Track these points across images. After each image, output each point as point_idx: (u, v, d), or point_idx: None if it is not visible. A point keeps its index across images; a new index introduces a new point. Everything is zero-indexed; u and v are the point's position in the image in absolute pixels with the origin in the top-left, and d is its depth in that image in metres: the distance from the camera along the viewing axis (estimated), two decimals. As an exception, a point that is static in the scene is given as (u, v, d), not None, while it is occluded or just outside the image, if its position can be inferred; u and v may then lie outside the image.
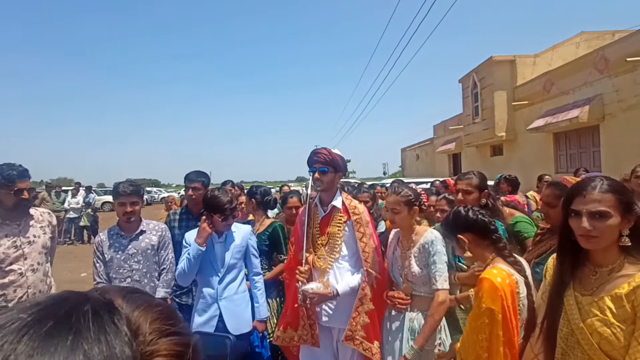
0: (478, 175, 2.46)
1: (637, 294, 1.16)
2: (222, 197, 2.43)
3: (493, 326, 1.41)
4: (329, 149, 2.38)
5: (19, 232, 2.26)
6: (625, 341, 1.16)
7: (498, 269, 1.51)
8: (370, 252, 2.29)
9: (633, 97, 9.35)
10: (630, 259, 1.24)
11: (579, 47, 13.56)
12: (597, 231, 1.21)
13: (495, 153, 16.97)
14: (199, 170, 3.04)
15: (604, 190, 1.23)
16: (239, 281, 2.52)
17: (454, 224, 1.71)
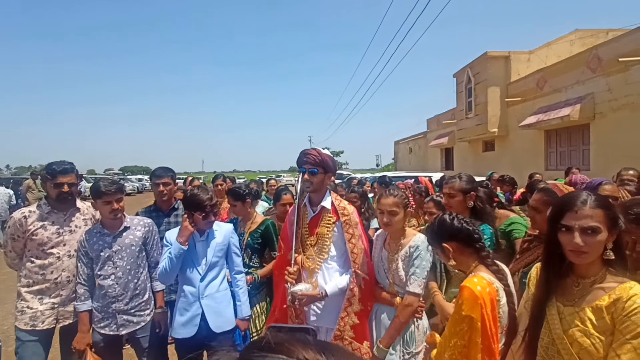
0: (462, 178, 2.45)
1: (616, 306, 1.19)
2: (202, 195, 2.41)
3: (472, 333, 1.43)
4: (318, 149, 2.37)
5: (63, 221, 2.54)
6: (603, 352, 1.19)
7: (479, 277, 1.53)
8: (359, 253, 2.30)
9: (624, 97, 9.45)
10: (612, 271, 1.27)
11: (573, 45, 13.63)
12: (587, 247, 1.22)
13: (487, 148, 17.10)
14: (164, 166, 3.02)
15: (594, 205, 1.24)
16: (220, 279, 2.51)
17: (438, 232, 1.71)
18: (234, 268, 2.60)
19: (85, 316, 2.41)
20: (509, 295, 1.56)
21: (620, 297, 1.19)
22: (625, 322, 1.16)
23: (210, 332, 2.41)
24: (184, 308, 2.43)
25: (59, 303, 2.46)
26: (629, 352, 1.14)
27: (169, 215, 2.94)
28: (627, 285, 1.21)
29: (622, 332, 1.16)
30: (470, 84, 16.37)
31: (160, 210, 2.95)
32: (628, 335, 1.15)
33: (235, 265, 2.60)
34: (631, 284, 1.22)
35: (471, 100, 16.36)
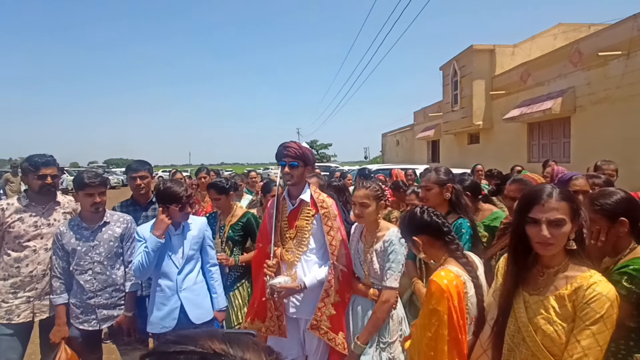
0: (438, 170, 2.49)
1: (577, 294, 1.24)
2: (175, 187, 2.40)
3: (439, 326, 1.47)
4: (298, 142, 2.37)
5: (42, 214, 2.52)
6: (565, 338, 1.24)
7: (446, 270, 1.56)
8: (337, 245, 2.32)
9: (603, 91, 9.66)
10: (575, 260, 1.32)
11: (556, 39, 13.82)
12: (553, 238, 1.27)
13: (472, 141, 17.32)
14: (140, 159, 2.99)
15: (560, 198, 1.28)
16: (197, 271, 2.52)
17: (409, 225, 1.75)
18: (209, 261, 2.61)
19: (61, 309, 2.39)
20: (478, 287, 1.60)
21: (581, 285, 1.24)
22: (585, 309, 1.21)
23: (190, 324, 2.41)
24: (161, 302, 2.41)
25: (35, 297, 2.42)
26: (587, 338, 1.19)
27: (147, 209, 2.91)
28: (588, 274, 1.26)
29: (582, 319, 1.21)
30: (456, 77, 16.49)
31: (138, 204, 2.92)
32: (587, 321, 1.20)
33: (209, 258, 2.61)
34: (591, 272, 1.27)
35: (457, 93, 16.50)
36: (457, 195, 2.44)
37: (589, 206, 1.65)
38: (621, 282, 1.49)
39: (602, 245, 1.65)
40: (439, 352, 1.48)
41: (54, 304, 2.40)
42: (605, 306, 1.19)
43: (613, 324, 1.20)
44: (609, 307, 1.19)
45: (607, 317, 1.18)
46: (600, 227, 1.60)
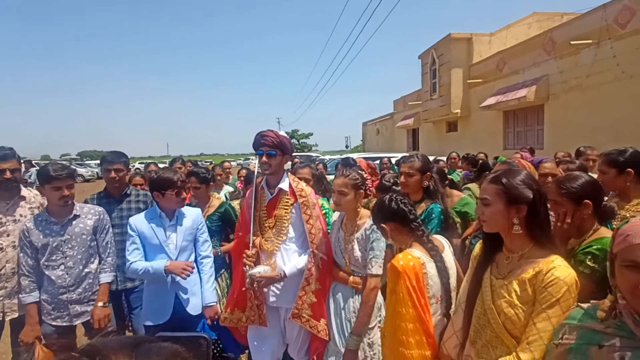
0: (421, 158, 2.53)
1: (537, 278, 1.28)
2: (169, 174, 2.44)
3: (396, 304, 1.56)
4: (275, 131, 2.35)
5: (6, 210, 2.44)
6: (525, 321, 1.29)
7: (404, 253, 1.65)
8: (316, 234, 2.34)
9: (574, 79, 9.96)
10: (539, 246, 1.36)
11: (530, 28, 14.09)
12: (485, 216, 1.38)
13: (450, 129, 17.61)
14: (116, 150, 2.92)
15: (489, 181, 1.40)
16: (191, 263, 2.50)
17: (378, 213, 1.82)
18: (200, 253, 2.58)
19: (32, 308, 2.31)
20: (441, 269, 1.68)
21: (541, 269, 1.28)
22: (543, 293, 1.25)
23: (186, 315, 2.42)
24: (155, 294, 2.40)
25: (4, 295, 2.35)
26: (543, 321, 1.23)
27: (121, 202, 2.84)
28: (549, 259, 1.30)
29: (540, 302, 1.26)
30: (434, 66, 16.65)
31: (112, 197, 2.85)
32: (544, 304, 1.24)
33: (201, 251, 2.58)
34: (553, 257, 1.31)
35: (435, 81, 16.68)
36: (436, 182, 2.51)
37: (556, 190, 1.71)
38: (585, 261, 1.56)
39: (568, 228, 1.72)
40: (399, 329, 1.55)
41: (24, 303, 2.32)
42: (562, 290, 1.23)
43: (569, 308, 1.23)
44: (565, 291, 1.23)
45: (563, 301, 1.22)
46: (566, 209, 1.67)
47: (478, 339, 1.42)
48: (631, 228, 0.94)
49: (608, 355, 0.91)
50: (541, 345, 1.23)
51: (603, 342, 0.94)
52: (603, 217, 1.74)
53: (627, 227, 0.95)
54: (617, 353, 0.90)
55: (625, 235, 0.93)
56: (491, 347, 1.37)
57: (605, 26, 8.94)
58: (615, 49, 8.71)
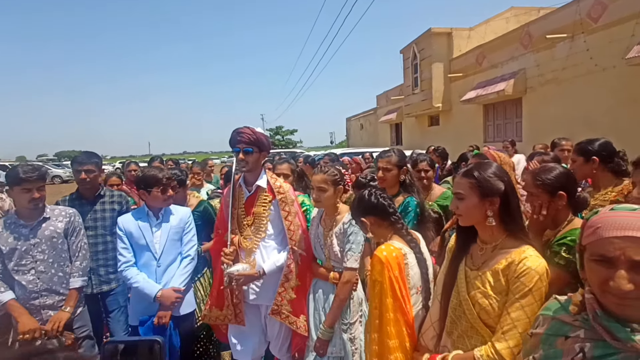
0: (397, 153, 2.55)
1: (510, 269, 1.30)
2: (154, 171, 2.46)
3: (382, 295, 1.57)
4: (252, 128, 2.32)
5: None
6: (499, 311, 1.31)
7: (386, 244, 1.66)
8: (295, 230, 2.33)
9: (550, 72, 10.19)
10: (512, 236, 1.38)
11: (508, 22, 14.32)
12: (460, 210, 1.40)
13: (432, 123, 17.80)
14: (88, 151, 2.85)
15: (461, 175, 1.41)
16: (177, 263, 2.49)
17: (358, 207, 1.83)
18: (181, 252, 2.55)
19: (13, 303, 2.19)
20: (421, 261, 1.70)
21: (514, 260, 1.30)
22: (515, 283, 1.27)
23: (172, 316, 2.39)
24: (141, 295, 2.37)
25: None
26: (517, 310, 1.25)
27: (95, 203, 2.76)
28: (521, 249, 1.32)
29: (513, 292, 1.27)
30: (416, 60, 16.77)
31: (84, 198, 2.76)
32: (517, 294, 1.26)
33: (183, 250, 2.55)
34: (525, 247, 1.33)
35: (417, 76, 16.81)
36: (412, 177, 2.55)
37: (531, 182, 1.74)
38: (560, 252, 1.59)
39: (543, 219, 1.76)
40: (384, 320, 1.56)
41: (1, 302, 2.20)
42: (534, 280, 1.25)
43: (542, 297, 1.26)
44: (537, 280, 1.25)
45: (535, 290, 1.25)
46: (542, 201, 1.70)
47: (454, 330, 1.43)
48: (600, 220, 0.90)
49: (571, 345, 0.92)
50: (515, 335, 1.25)
51: (569, 333, 0.95)
52: (577, 208, 1.78)
53: (595, 218, 0.92)
54: (578, 344, 0.91)
55: (595, 228, 0.90)
56: (467, 337, 1.38)
57: (579, 20, 9.16)
58: (588, 42, 8.94)
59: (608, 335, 0.86)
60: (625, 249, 0.83)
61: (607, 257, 0.85)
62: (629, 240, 0.83)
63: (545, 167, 1.87)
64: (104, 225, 2.74)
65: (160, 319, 2.34)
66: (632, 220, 0.85)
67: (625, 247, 0.83)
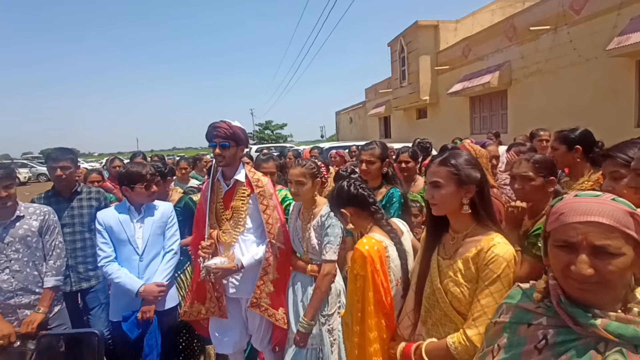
0: (380, 145, 2.57)
1: (479, 256, 1.32)
2: (138, 167, 2.45)
3: (365, 289, 1.56)
4: (228, 122, 2.30)
5: None
6: (470, 298, 1.33)
7: (367, 237, 1.65)
8: (274, 224, 2.33)
9: (534, 64, 10.29)
10: (481, 225, 1.40)
11: (494, 14, 14.40)
12: (435, 199, 1.39)
13: (420, 116, 17.88)
14: (63, 147, 2.80)
15: (438, 164, 1.40)
16: (160, 258, 2.49)
17: (337, 198, 1.81)
18: (164, 247, 2.55)
19: None
20: (401, 251, 1.69)
21: (483, 247, 1.32)
22: (485, 270, 1.30)
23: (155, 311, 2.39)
24: (123, 291, 2.36)
25: None
26: (487, 297, 1.28)
27: (72, 200, 2.72)
28: (490, 237, 1.34)
29: (483, 279, 1.30)
30: (403, 53, 16.78)
31: (61, 195, 2.72)
32: (487, 281, 1.28)
33: (166, 245, 2.55)
34: (494, 235, 1.35)
35: (405, 69, 16.84)
36: (393, 169, 2.56)
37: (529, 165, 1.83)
38: (537, 243, 1.61)
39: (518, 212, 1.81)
40: (366, 313, 1.56)
41: None
42: (502, 266, 1.27)
43: (510, 283, 1.28)
44: (505, 267, 1.27)
45: (503, 277, 1.27)
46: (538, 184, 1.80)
47: (428, 318, 1.45)
48: (564, 206, 0.90)
49: (534, 332, 0.93)
50: (486, 321, 1.26)
51: (532, 320, 0.95)
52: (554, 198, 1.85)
53: (560, 205, 0.92)
54: (541, 330, 0.92)
55: (559, 214, 0.90)
56: (440, 325, 1.41)
57: (562, 12, 9.25)
58: (571, 34, 9.04)
59: (570, 321, 0.87)
60: (587, 234, 0.83)
61: (569, 242, 0.86)
62: (591, 225, 0.83)
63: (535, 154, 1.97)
64: (82, 222, 2.71)
65: (145, 314, 2.34)
66: (595, 205, 0.86)
67: (587, 232, 0.83)
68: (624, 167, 1.61)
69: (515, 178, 1.86)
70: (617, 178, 1.63)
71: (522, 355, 0.93)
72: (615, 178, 1.64)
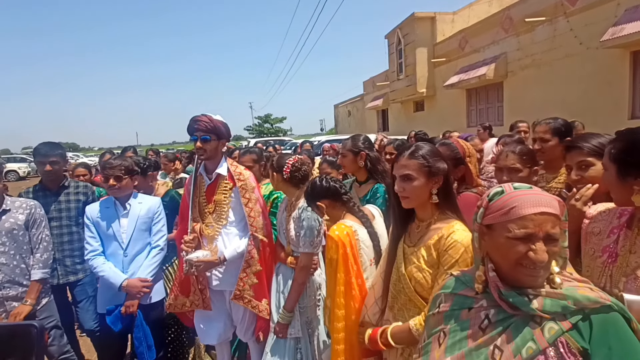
0: (352, 139, 2.63)
1: (440, 243, 1.37)
2: (111, 161, 2.49)
3: (337, 271, 1.67)
4: (209, 115, 2.33)
5: None
6: (432, 283, 1.38)
7: (338, 224, 1.77)
8: (256, 217, 2.36)
9: (530, 56, 10.26)
10: (443, 214, 1.45)
11: (491, 6, 14.29)
12: (406, 192, 1.41)
13: (417, 109, 17.84)
14: (50, 142, 2.82)
15: (409, 157, 1.42)
16: (145, 253, 2.51)
17: (312, 193, 1.95)
18: (150, 243, 2.57)
19: None
20: (372, 234, 1.81)
21: (443, 235, 1.37)
22: (444, 256, 1.35)
23: (140, 305, 2.42)
24: (109, 284, 2.40)
25: None
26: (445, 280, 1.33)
27: (59, 194, 2.76)
28: (450, 224, 1.39)
29: (443, 264, 1.35)
30: (400, 46, 16.70)
31: (48, 189, 2.76)
32: (446, 266, 1.34)
33: (152, 240, 2.57)
34: (453, 222, 1.40)
35: (402, 61, 16.77)
36: (373, 162, 2.55)
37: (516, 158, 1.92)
38: None
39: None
40: (336, 292, 1.67)
41: None
42: (460, 251, 1.33)
43: (467, 267, 1.32)
44: (463, 252, 1.33)
45: (461, 262, 1.32)
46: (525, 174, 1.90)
47: (395, 304, 1.51)
48: (513, 200, 0.93)
49: (476, 314, 0.98)
50: None
51: (473, 304, 1.01)
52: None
53: (506, 198, 0.94)
54: (483, 311, 0.97)
55: (510, 208, 0.92)
56: (406, 310, 1.46)
57: (559, 3, 9.20)
58: (567, 25, 9.00)
59: (511, 310, 0.92)
60: (542, 223, 0.90)
61: (528, 233, 0.90)
62: (545, 215, 0.90)
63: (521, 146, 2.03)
64: (69, 215, 2.75)
65: (128, 308, 2.38)
66: (542, 197, 0.92)
67: (542, 222, 0.90)
68: (591, 155, 1.64)
69: (503, 170, 1.90)
70: (585, 167, 1.66)
71: (468, 337, 0.98)
72: (582, 167, 1.67)
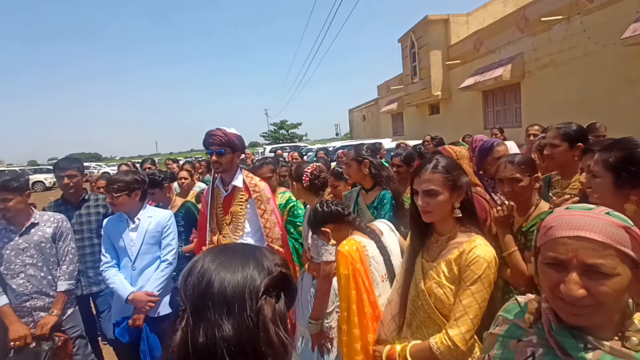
0: (356, 148, 2.64)
1: (462, 258, 1.35)
2: (112, 177, 2.57)
3: (349, 288, 1.65)
4: (224, 129, 2.38)
5: None
6: (452, 299, 1.36)
7: (347, 240, 1.75)
8: (271, 227, 2.40)
9: (547, 56, 10.03)
10: (463, 227, 1.42)
11: (506, 5, 14.05)
12: (430, 207, 1.38)
13: (433, 112, 17.66)
14: (69, 157, 2.97)
15: (433, 171, 1.39)
16: (154, 267, 2.52)
17: (315, 220, 1.93)
18: (159, 256, 2.57)
19: (7, 309, 2.29)
20: (382, 249, 1.78)
21: (464, 250, 1.35)
22: (466, 271, 1.33)
23: (148, 318, 2.44)
24: (119, 296, 2.44)
25: None
26: (467, 297, 1.31)
27: (80, 208, 2.86)
28: (472, 239, 1.37)
29: (464, 280, 1.33)
30: (414, 49, 16.60)
31: (69, 203, 2.86)
32: (468, 282, 1.32)
33: (164, 254, 2.56)
34: (475, 237, 1.38)
35: (416, 64, 16.66)
36: (377, 169, 2.54)
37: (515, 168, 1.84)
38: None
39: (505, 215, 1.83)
40: (350, 311, 1.64)
41: None
42: (483, 267, 1.30)
43: (490, 284, 1.31)
44: (485, 268, 1.30)
45: (484, 278, 1.30)
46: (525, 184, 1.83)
47: (413, 321, 1.49)
48: (554, 219, 0.82)
49: (523, 348, 0.91)
50: (467, 321, 1.30)
51: (523, 337, 0.92)
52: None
53: (549, 218, 0.84)
54: (530, 348, 0.89)
55: (548, 228, 0.82)
56: (425, 327, 1.44)
57: (575, 1, 8.99)
58: (584, 23, 8.78)
59: (560, 351, 0.80)
60: (578, 251, 0.75)
61: (558, 259, 0.77)
62: (582, 240, 0.75)
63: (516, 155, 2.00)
64: (90, 228, 2.84)
65: (135, 321, 2.40)
66: (586, 219, 0.77)
67: (578, 248, 0.75)
68: None
69: (503, 181, 1.87)
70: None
71: None
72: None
